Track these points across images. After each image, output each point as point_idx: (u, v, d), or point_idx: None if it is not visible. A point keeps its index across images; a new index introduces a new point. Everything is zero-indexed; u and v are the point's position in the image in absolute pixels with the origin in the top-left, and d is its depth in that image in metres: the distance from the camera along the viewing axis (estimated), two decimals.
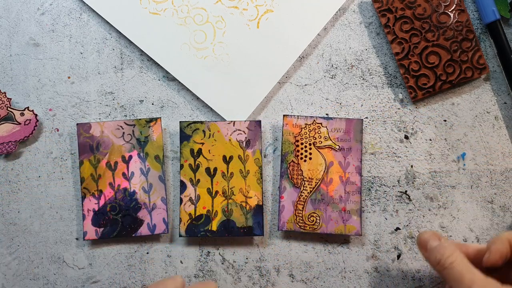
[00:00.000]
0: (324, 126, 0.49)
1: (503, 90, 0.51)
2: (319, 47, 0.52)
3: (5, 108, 0.50)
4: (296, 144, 0.49)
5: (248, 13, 0.52)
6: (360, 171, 0.49)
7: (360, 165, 0.49)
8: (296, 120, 0.50)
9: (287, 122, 0.50)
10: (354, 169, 0.49)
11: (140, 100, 0.52)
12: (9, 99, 0.50)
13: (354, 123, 0.50)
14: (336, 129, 0.50)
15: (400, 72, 0.51)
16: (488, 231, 0.50)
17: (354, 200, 0.49)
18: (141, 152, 0.50)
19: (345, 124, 0.50)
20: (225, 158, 0.50)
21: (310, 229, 0.48)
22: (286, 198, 0.49)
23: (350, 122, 0.50)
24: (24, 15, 0.53)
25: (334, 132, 0.50)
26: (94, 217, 0.49)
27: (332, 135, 0.50)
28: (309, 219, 0.48)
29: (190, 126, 0.50)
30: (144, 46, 0.51)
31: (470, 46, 0.50)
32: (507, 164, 0.51)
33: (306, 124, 0.49)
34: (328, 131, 0.49)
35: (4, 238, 0.51)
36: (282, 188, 0.49)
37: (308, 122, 0.49)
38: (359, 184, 0.49)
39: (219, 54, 0.52)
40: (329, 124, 0.50)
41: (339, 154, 0.49)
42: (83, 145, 0.50)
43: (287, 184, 0.49)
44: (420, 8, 0.50)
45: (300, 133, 0.49)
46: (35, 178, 0.51)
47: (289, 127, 0.50)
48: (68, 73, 0.52)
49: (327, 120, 0.50)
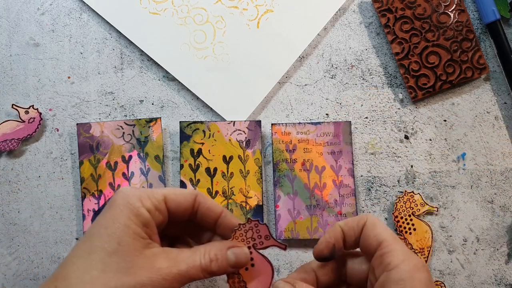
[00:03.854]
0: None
1: (503, 90, 0.51)
2: (319, 47, 0.52)
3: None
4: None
5: (248, 13, 0.52)
6: (352, 173, 0.49)
7: (352, 167, 0.49)
8: (285, 128, 0.50)
9: (276, 130, 0.50)
10: (347, 171, 0.49)
11: (140, 100, 0.52)
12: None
13: (343, 126, 0.50)
14: (325, 134, 0.50)
15: (400, 72, 0.51)
16: (488, 231, 0.50)
17: (349, 203, 0.49)
18: (141, 152, 0.50)
19: (334, 128, 0.50)
20: (225, 158, 0.50)
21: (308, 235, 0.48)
22: (281, 206, 0.49)
23: (339, 126, 0.50)
24: (24, 15, 0.53)
25: (323, 136, 0.50)
26: (94, 217, 0.49)
27: (321, 140, 0.49)
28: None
29: (190, 126, 0.50)
30: (144, 46, 0.51)
31: (470, 46, 0.50)
32: (507, 164, 0.51)
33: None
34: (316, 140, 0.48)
35: (4, 238, 0.51)
36: (277, 197, 0.49)
37: (294, 131, 0.47)
38: (352, 186, 0.49)
39: (219, 54, 0.52)
40: (318, 129, 0.50)
41: (330, 157, 0.49)
42: (83, 145, 0.50)
43: (281, 192, 0.49)
44: (420, 8, 0.50)
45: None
46: (35, 178, 0.51)
47: (278, 136, 0.50)
48: (68, 73, 0.52)
49: (315, 125, 0.50)
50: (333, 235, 0.36)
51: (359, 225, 0.36)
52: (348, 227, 0.36)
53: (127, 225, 0.33)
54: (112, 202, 0.34)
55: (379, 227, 0.35)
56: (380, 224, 0.35)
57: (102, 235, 0.33)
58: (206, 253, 0.35)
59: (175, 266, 0.34)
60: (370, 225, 0.35)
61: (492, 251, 0.50)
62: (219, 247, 0.36)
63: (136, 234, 0.33)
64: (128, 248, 0.33)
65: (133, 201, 0.34)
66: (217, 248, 0.36)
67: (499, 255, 0.50)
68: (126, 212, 0.33)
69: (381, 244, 0.34)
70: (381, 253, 0.34)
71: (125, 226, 0.33)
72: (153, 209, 0.35)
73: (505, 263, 0.50)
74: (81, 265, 0.32)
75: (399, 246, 0.34)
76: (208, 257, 0.35)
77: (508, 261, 0.50)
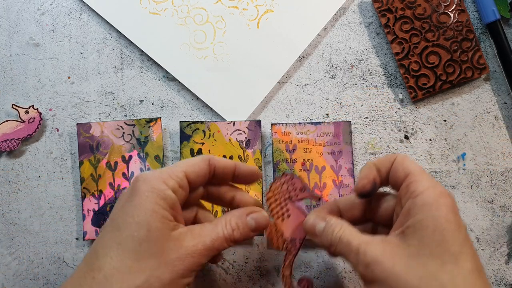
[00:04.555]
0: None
1: (503, 90, 0.51)
2: (319, 47, 0.52)
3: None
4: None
5: (248, 13, 0.52)
6: (353, 173, 0.49)
7: (352, 167, 0.49)
8: (285, 128, 0.50)
9: (276, 130, 0.50)
10: (347, 171, 0.49)
11: (140, 100, 0.52)
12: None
13: (342, 126, 0.50)
14: (325, 134, 0.50)
15: (400, 72, 0.51)
16: (488, 231, 0.50)
17: None
18: (141, 152, 0.50)
19: (334, 128, 0.50)
20: (225, 158, 0.50)
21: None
22: None
23: (338, 126, 0.50)
24: (24, 15, 0.53)
25: (323, 136, 0.50)
26: (94, 217, 0.49)
27: (321, 140, 0.49)
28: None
29: (190, 126, 0.50)
30: (144, 46, 0.51)
31: (470, 46, 0.50)
32: (507, 164, 0.51)
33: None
34: (315, 141, 0.48)
35: (4, 238, 0.51)
36: None
37: (293, 131, 0.47)
38: (353, 186, 0.49)
39: (219, 54, 0.52)
40: (318, 129, 0.50)
41: (330, 157, 0.49)
42: (83, 145, 0.50)
43: None
44: (420, 8, 0.50)
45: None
46: (35, 178, 0.51)
47: (278, 136, 0.50)
48: (68, 73, 0.52)
49: (315, 125, 0.50)
50: (370, 171, 0.37)
51: (390, 161, 0.37)
52: (380, 164, 0.37)
53: (155, 210, 0.34)
54: (134, 189, 0.35)
55: (408, 161, 0.36)
56: (409, 159, 0.36)
57: (130, 224, 0.33)
58: (227, 223, 0.37)
59: (200, 242, 0.35)
60: (399, 160, 0.36)
61: (492, 251, 0.50)
62: (238, 215, 0.38)
63: (163, 218, 0.34)
64: (157, 234, 0.33)
65: (157, 184, 0.34)
66: (237, 216, 0.37)
67: (499, 255, 0.50)
68: (152, 198, 0.34)
69: (408, 175, 0.35)
70: (407, 183, 0.35)
71: (153, 212, 0.33)
72: (177, 188, 0.35)
73: (505, 263, 0.50)
74: (114, 256, 0.33)
75: (426, 176, 0.35)
76: (229, 227, 0.36)
77: (508, 261, 0.50)
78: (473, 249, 0.33)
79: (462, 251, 0.32)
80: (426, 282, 0.31)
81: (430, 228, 0.32)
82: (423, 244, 0.32)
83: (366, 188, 0.37)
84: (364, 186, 0.37)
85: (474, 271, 0.31)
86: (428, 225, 0.32)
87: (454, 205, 0.33)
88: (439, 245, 0.32)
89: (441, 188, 0.34)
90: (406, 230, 0.33)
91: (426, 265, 0.31)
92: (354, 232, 0.35)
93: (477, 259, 0.32)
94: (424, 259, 0.32)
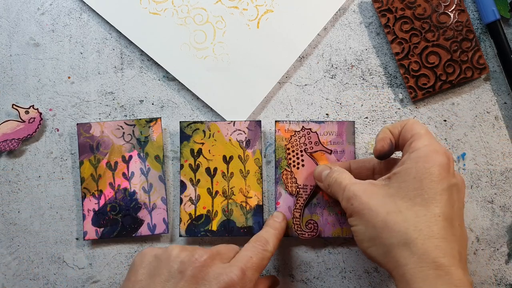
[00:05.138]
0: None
1: (503, 90, 0.51)
2: (319, 47, 0.52)
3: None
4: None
5: (248, 13, 0.52)
6: None
7: None
8: (288, 125, 0.50)
9: (279, 128, 0.50)
10: None
11: (140, 100, 0.52)
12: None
13: (346, 125, 0.50)
14: (328, 132, 0.50)
15: (400, 72, 0.51)
16: (488, 231, 0.50)
17: None
18: (141, 152, 0.50)
19: (337, 127, 0.50)
20: (225, 158, 0.50)
21: (309, 236, 0.48)
22: (282, 204, 0.49)
23: (342, 125, 0.50)
24: (24, 15, 0.53)
25: (327, 135, 0.50)
26: (94, 217, 0.49)
27: (325, 139, 0.49)
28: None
29: (190, 126, 0.50)
30: (144, 46, 0.51)
31: (470, 46, 0.50)
32: (507, 164, 0.51)
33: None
34: (319, 135, 0.49)
35: (4, 238, 0.51)
36: (278, 194, 0.49)
37: (298, 128, 0.49)
38: None
39: (219, 54, 0.52)
40: (321, 128, 0.50)
41: (332, 157, 0.49)
42: (83, 145, 0.50)
43: (283, 190, 0.49)
44: (420, 8, 0.50)
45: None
46: (35, 178, 0.51)
47: (281, 133, 0.50)
48: (68, 73, 0.52)
49: (319, 124, 0.50)
50: (386, 134, 0.41)
51: (401, 125, 0.41)
52: (393, 128, 0.41)
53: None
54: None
55: (416, 124, 0.40)
56: (418, 123, 0.40)
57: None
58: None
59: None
60: (410, 123, 0.40)
61: (492, 251, 0.50)
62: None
63: None
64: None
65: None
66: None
67: (499, 255, 0.50)
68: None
69: (413, 136, 0.39)
70: (410, 142, 0.39)
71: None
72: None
73: (505, 263, 0.50)
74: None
75: (428, 136, 0.39)
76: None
77: (508, 261, 0.50)
78: (450, 202, 0.36)
79: (435, 198, 0.35)
80: (393, 216, 0.36)
81: (412, 175, 0.36)
82: (401, 187, 0.37)
83: (385, 148, 0.41)
84: (383, 146, 0.41)
85: (440, 216, 0.35)
86: (411, 173, 0.37)
87: (446, 162, 0.37)
88: (414, 190, 0.36)
89: (438, 146, 0.37)
90: (392, 176, 0.38)
91: (397, 203, 0.36)
92: (348, 176, 0.41)
93: (451, 210, 0.36)
94: (397, 199, 0.36)
